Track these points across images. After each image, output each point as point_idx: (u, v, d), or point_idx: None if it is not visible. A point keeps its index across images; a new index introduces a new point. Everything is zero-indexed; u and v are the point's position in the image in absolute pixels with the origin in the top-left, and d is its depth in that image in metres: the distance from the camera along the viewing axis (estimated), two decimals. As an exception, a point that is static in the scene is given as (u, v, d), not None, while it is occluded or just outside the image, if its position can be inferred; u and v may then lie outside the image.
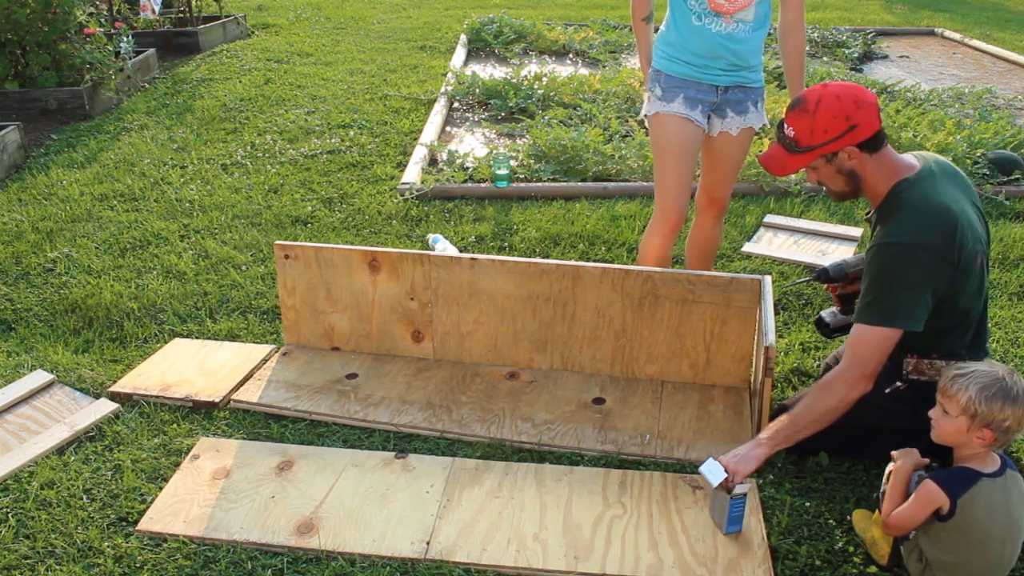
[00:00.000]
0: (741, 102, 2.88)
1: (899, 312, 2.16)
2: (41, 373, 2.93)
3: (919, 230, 2.15)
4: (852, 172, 2.27)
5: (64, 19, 5.80)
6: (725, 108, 2.88)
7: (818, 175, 2.33)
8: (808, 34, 8.77)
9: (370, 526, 2.26)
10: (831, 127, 2.20)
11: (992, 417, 1.91)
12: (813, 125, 2.21)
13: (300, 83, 6.88)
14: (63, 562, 2.15)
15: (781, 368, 2.98)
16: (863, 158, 2.24)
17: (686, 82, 2.82)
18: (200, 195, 4.59)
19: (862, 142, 2.21)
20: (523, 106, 6.15)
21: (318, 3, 10.95)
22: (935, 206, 2.18)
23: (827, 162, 2.27)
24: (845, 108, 2.18)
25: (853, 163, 2.25)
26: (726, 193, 3.07)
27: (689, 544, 2.19)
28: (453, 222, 4.25)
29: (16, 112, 5.79)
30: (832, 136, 2.21)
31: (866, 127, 2.20)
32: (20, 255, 3.89)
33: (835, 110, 2.19)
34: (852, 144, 2.21)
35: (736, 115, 2.89)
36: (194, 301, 3.48)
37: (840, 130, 2.19)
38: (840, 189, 2.33)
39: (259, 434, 2.66)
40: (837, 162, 2.26)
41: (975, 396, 1.92)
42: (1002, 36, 9.46)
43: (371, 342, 3.10)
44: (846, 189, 2.32)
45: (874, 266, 2.20)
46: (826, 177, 2.32)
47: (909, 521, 1.99)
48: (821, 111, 2.20)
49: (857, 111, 2.18)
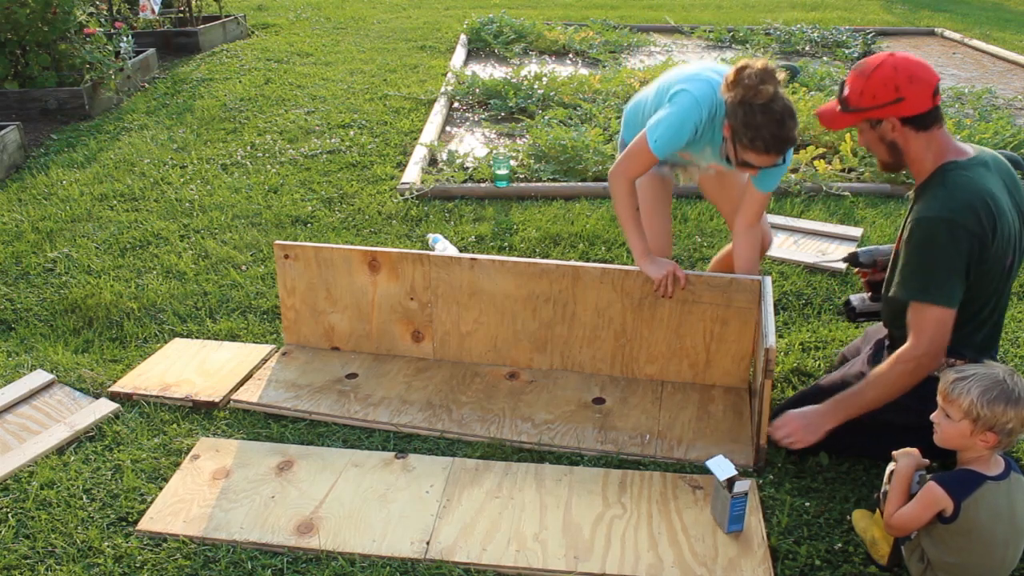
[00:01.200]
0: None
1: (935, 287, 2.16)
2: (41, 373, 2.93)
3: (957, 208, 2.15)
4: (894, 144, 2.28)
5: (64, 19, 5.80)
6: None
7: (865, 139, 2.35)
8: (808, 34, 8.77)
9: (370, 526, 2.26)
10: (879, 94, 2.21)
11: (995, 420, 1.90)
12: (864, 88, 2.23)
13: (300, 83, 6.88)
14: (63, 562, 2.15)
15: (781, 368, 2.98)
16: (907, 133, 2.24)
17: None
18: (200, 195, 4.60)
19: (907, 117, 2.21)
20: (523, 106, 6.15)
21: (318, 3, 10.95)
22: (977, 190, 2.17)
23: (871, 127, 2.29)
24: (898, 79, 2.19)
25: (895, 135, 2.25)
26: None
27: (689, 544, 2.19)
28: (453, 222, 4.25)
29: (16, 112, 5.79)
30: (878, 103, 2.22)
31: (914, 103, 2.19)
32: (20, 255, 3.89)
33: (887, 79, 2.20)
34: (895, 116, 2.22)
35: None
36: (194, 301, 3.48)
37: (886, 99, 2.20)
38: (883, 158, 2.35)
39: (259, 434, 2.66)
40: (880, 130, 2.27)
41: (977, 400, 1.91)
42: (1002, 36, 9.46)
43: (371, 342, 3.10)
44: (888, 159, 2.33)
45: (914, 238, 2.20)
46: (870, 142, 2.33)
47: (912, 522, 1.99)
48: (875, 76, 2.22)
49: (908, 85, 2.18)
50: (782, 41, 8.65)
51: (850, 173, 4.78)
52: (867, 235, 4.03)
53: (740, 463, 2.49)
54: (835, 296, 3.45)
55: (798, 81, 6.50)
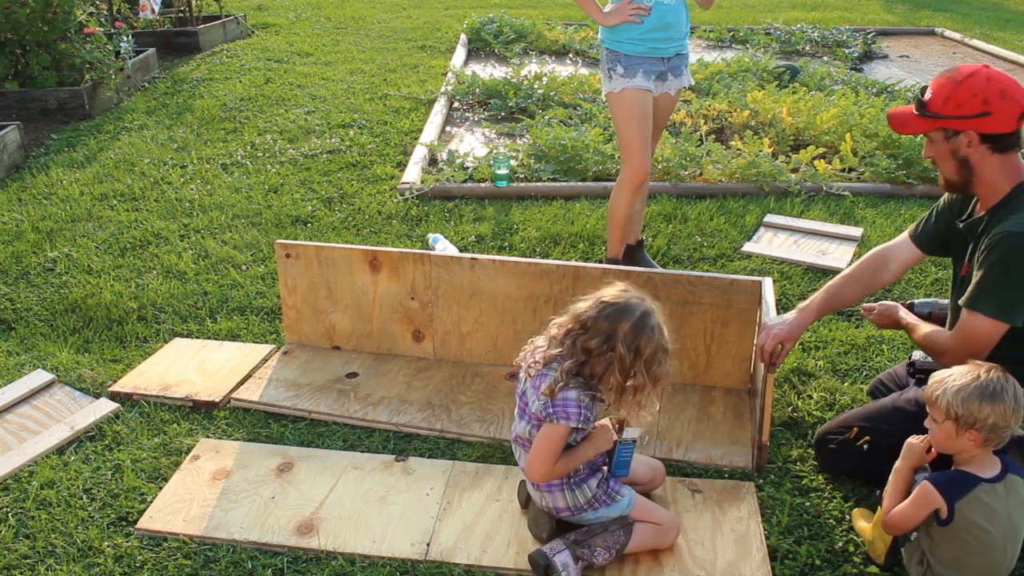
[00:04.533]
0: (678, 67, 3.37)
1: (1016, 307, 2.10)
2: (41, 373, 2.93)
3: None
4: (965, 160, 2.18)
5: (64, 19, 5.80)
6: (667, 74, 3.35)
7: (934, 150, 2.24)
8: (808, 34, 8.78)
9: (370, 527, 2.26)
10: (965, 103, 2.11)
11: (973, 418, 1.90)
12: (950, 94, 2.13)
13: (300, 83, 6.88)
14: (63, 561, 2.15)
15: (781, 368, 2.98)
16: (983, 152, 2.14)
17: (643, 59, 3.26)
18: (200, 195, 4.59)
19: (988, 134, 2.12)
20: (523, 106, 6.15)
21: (318, 3, 10.95)
22: None
23: (945, 139, 2.18)
24: (988, 92, 2.09)
25: (970, 152, 2.16)
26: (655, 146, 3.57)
27: (688, 547, 2.19)
28: (453, 222, 4.25)
29: (16, 112, 5.79)
30: (962, 113, 2.12)
31: (1000, 121, 2.10)
32: (20, 255, 3.89)
33: (978, 89, 2.10)
34: (976, 131, 2.12)
35: (675, 78, 3.38)
36: (194, 301, 3.48)
37: (972, 111, 2.11)
38: (948, 175, 2.24)
39: (259, 434, 2.66)
40: (954, 143, 2.17)
41: (952, 399, 1.92)
42: (1002, 36, 9.46)
43: (372, 341, 3.10)
44: (955, 178, 2.23)
45: (997, 253, 2.09)
46: (940, 155, 2.22)
47: (906, 521, 1.99)
48: (965, 85, 2.12)
49: (999, 101, 2.08)
50: (782, 41, 8.65)
51: (850, 173, 4.78)
52: (867, 235, 4.03)
53: (739, 466, 2.49)
54: (835, 296, 3.45)
55: (798, 81, 6.50)
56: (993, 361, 2.05)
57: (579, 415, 2.01)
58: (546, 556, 2.04)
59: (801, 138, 5.30)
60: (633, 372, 2.00)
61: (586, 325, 2.02)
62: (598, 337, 2.00)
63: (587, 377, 2.03)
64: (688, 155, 4.76)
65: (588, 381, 2.04)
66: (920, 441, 2.05)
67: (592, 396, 2.03)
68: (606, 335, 1.99)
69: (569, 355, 2.03)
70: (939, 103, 2.16)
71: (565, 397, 2.01)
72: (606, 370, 2.01)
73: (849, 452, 2.37)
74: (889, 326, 2.53)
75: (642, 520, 2.14)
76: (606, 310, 2.02)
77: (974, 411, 1.90)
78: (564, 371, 2.01)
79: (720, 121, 5.57)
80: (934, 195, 4.52)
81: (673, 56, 3.32)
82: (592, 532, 2.10)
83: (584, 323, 2.03)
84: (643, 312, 2.02)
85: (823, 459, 2.47)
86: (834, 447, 2.41)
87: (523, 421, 2.15)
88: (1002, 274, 2.10)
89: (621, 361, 1.98)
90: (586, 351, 2.02)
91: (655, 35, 3.22)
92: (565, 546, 2.06)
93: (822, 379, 2.91)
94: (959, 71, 2.15)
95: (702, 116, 5.61)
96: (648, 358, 2.00)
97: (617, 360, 1.98)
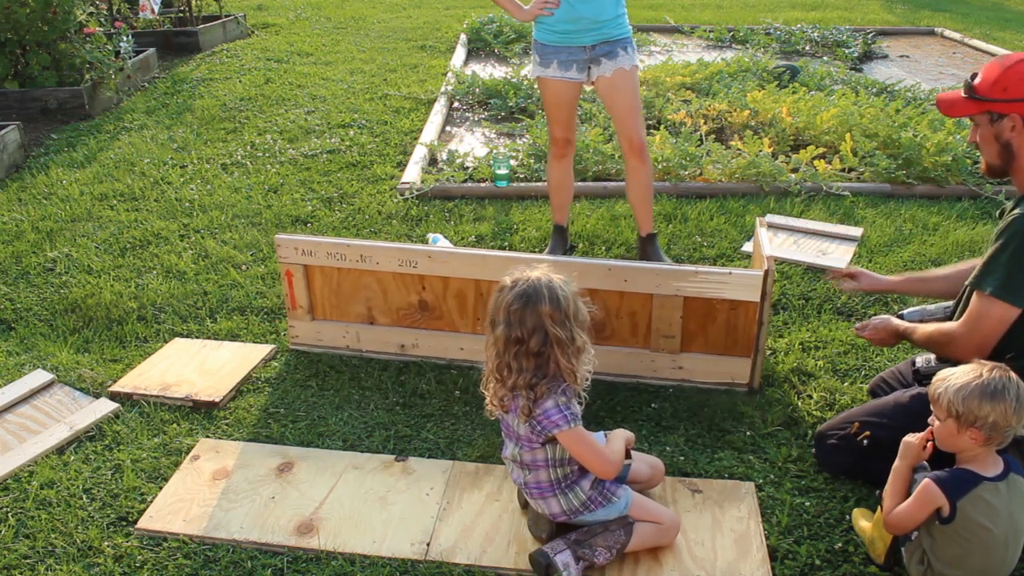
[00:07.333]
0: (611, 51, 3.41)
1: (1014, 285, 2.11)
2: (41, 373, 2.93)
3: None
4: (1008, 145, 2.22)
5: (64, 19, 5.80)
6: (598, 59, 3.42)
7: (978, 134, 2.28)
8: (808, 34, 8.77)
9: (370, 527, 2.26)
10: (1012, 87, 2.16)
11: (974, 416, 1.91)
12: (999, 77, 2.17)
13: (300, 83, 6.88)
14: (63, 561, 2.15)
15: (781, 368, 2.98)
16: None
17: (557, 48, 3.42)
18: (200, 195, 4.59)
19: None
20: (523, 106, 6.14)
21: (318, 3, 10.95)
22: None
23: (990, 122, 2.22)
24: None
25: (1013, 136, 2.19)
26: (636, 132, 3.51)
27: (688, 547, 2.19)
28: (453, 222, 4.25)
29: (16, 112, 5.79)
30: (1009, 96, 2.16)
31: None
32: (20, 255, 3.89)
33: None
34: (1020, 115, 2.16)
35: (608, 61, 3.42)
36: (194, 301, 3.48)
37: (1018, 95, 2.15)
38: (990, 159, 2.28)
39: (259, 434, 2.66)
40: (999, 126, 2.21)
41: (953, 397, 1.93)
42: (1002, 36, 9.46)
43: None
44: (996, 162, 2.26)
45: (1008, 234, 2.13)
46: (983, 139, 2.26)
47: (908, 520, 1.99)
48: (1014, 69, 2.16)
49: None
50: (782, 41, 8.64)
51: (850, 173, 4.78)
52: (867, 235, 4.02)
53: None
54: (834, 296, 3.45)
55: (798, 81, 6.50)
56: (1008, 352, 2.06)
57: (565, 416, 2.02)
58: (547, 555, 2.04)
59: (801, 138, 5.30)
60: (573, 337, 2.01)
61: (519, 337, 2.00)
62: (535, 335, 1.99)
63: (548, 377, 2.03)
64: (688, 155, 4.75)
65: (551, 381, 2.03)
66: (916, 439, 2.05)
67: (563, 390, 2.03)
68: (537, 327, 1.98)
69: (519, 371, 2.02)
70: (987, 86, 2.20)
71: (544, 409, 2.02)
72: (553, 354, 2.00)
73: (849, 448, 2.37)
74: (885, 341, 2.54)
75: (642, 519, 2.15)
76: (517, 306, 1.99)
77: (974, 409, 1.90)
78: (525, 387, 2.02)
79: (720, 121, 5.57)
80: (934, 195, 4.52)
81: (599, 43, 3.39)
82: (593, 532, 2.11)
83: (515, 337, 2.01)
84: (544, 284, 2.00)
85: (822, 455, 2.47)
86: (834, 442, 2.42)
87: (511, 443, 2.16)
88: (1010, 254, 2.12)
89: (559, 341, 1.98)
90: (533, 355, 2.01)
91: (567, 27, 3.36)
92: (566, 546, 2.07)
93: (822, 379, 2.91)
94: (1010, 57, 2.20)
95: (702, 116, 5.61)
96: (575, 315, 2.02)
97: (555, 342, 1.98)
